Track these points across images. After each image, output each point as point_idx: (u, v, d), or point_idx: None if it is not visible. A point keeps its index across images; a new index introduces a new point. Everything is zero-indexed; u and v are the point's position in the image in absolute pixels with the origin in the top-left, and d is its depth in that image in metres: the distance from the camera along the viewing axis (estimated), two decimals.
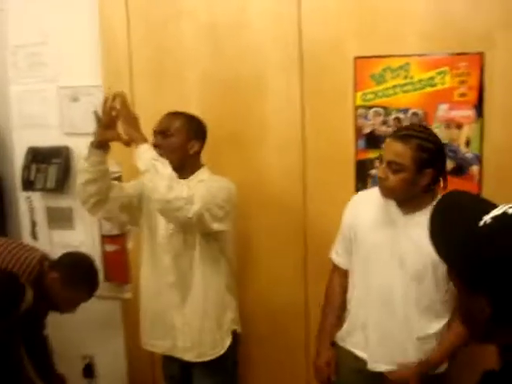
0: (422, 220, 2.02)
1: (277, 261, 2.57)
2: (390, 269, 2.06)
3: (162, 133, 2.20)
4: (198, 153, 2.25)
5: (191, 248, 2.20)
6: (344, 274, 2.25)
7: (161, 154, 2.09)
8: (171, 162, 2.11)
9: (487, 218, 0.99)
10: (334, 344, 2.26)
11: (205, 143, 2.26)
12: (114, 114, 2.08)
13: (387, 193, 2.03)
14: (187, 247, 2.20)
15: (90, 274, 2.39)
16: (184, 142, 2.20)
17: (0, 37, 2.91)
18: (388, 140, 1.98)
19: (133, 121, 2.09)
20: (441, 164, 1.99)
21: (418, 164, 1.90)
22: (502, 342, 1.04)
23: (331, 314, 2.27)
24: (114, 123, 2.12)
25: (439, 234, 1.08)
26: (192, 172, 2.24)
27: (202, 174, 2.25)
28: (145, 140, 2.06)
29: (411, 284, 2.03)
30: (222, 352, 2.29)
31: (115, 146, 2.66)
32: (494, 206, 1.02)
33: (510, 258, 0.95)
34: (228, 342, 2.30)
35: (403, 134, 1.95)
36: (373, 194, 2.20)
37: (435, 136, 2.00)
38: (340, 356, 2.25)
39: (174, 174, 2.03)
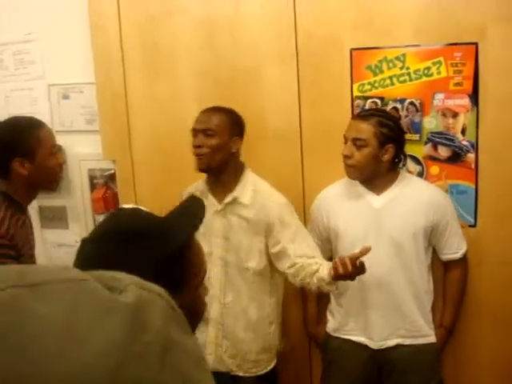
0: (396, 195, 2.16)
1: None
2: (381, 249, 2.13)
3: (203, 131, 2.16)
4: (239, 150, 2.23)
5: None
6: None
7: (204, 154, 2.12)
8: (214, 162, 2.15)
9: None
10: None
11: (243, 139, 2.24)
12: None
13: (353, 170, 2.14)
14: None
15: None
16: (226, 140, 2.17)
17: None
18: (350, 121, 2.17)
19: None
20: (401, 140, 2.17)
21: (380, 139, 2.08)
22: None
23: (312, 302, 2.44)
24: None
25: None
26: (235, 173, 2.22)
27: (250, 182, 2.22)
28: None
29: (401, 254, 2.16)
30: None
31: (108, 143, 2.67)
32: None
33: None
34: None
35: (363, 113, 2.17)
36: (338, 188, 2.30)
37: (393, 115, 2.22)
38: (338, 347, 2.31)
39: None
